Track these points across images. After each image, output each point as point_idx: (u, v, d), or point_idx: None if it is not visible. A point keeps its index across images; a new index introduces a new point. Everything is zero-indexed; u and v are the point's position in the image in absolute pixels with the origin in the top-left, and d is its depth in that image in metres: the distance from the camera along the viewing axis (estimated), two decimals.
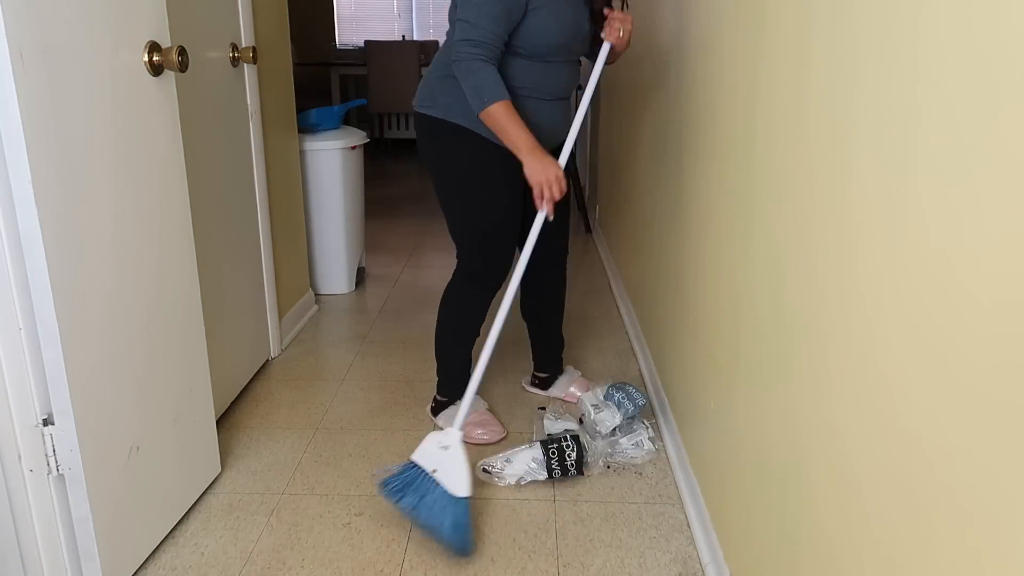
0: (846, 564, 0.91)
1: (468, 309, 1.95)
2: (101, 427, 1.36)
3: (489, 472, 1.80)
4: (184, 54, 1.48)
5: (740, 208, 1.36)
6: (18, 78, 1.13)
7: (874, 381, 0.84)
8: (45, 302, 1.23)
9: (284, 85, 2.58)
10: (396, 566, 1.53)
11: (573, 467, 1.77)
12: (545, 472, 1.77)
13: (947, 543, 0.70)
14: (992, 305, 0.63)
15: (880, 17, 0.83)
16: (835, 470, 0.94)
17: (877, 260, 0.83)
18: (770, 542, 1.19)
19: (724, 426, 1.46)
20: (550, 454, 1.77)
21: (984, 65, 0.65)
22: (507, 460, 1.80)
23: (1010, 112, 0.61)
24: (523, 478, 1.77)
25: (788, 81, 1.12)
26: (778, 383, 1.15)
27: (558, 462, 1.77)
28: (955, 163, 0.69)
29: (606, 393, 1.99)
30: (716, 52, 1.54)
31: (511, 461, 1.79)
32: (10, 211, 1.19)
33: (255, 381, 2.33)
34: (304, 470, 1.86)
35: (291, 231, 2.67)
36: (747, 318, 1.31)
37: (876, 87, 0.84)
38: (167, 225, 1.54)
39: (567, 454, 1.77)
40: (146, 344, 1.48)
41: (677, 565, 1.54)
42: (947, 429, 0.70)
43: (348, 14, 7.28)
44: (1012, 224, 0.61)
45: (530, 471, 1.77)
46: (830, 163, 0.96)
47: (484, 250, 1.88)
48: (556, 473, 1.77)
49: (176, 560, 1.54)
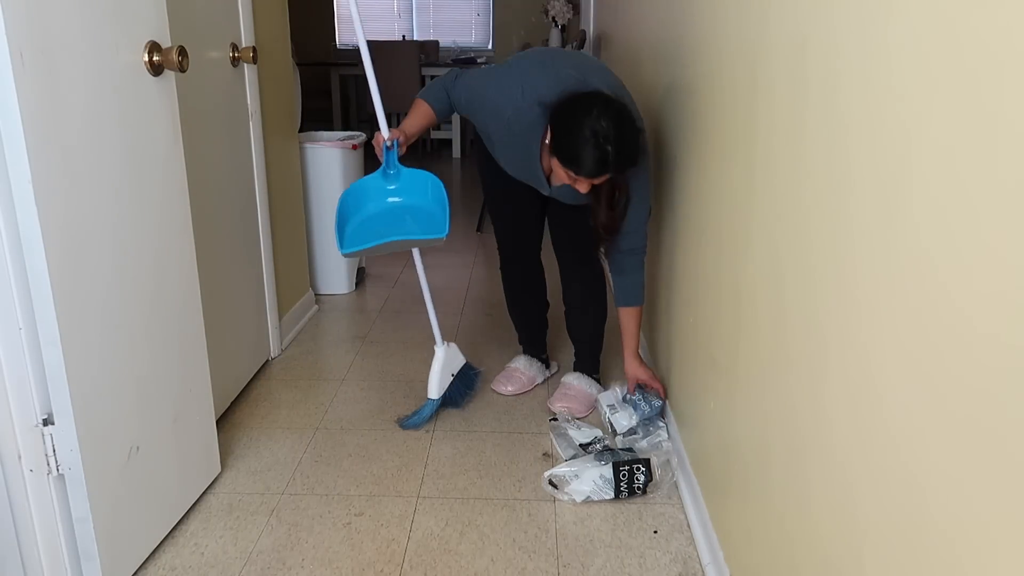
0: (846, 564, 0.91)
1: (507, 280, 2.28)
2: (101, 427, 1.36)
3: (556, 487, 1.75)
4: (184, 54, 1.48)
5: (740, 209, 1.36)
6: (18, 78, 1.13)
7: (870, 382, 0.84)
8: (45, 302, 1.23)
9: (284, 85, 2.58)
10: (396, 566, 1.53)
11: (640, 489, 1.74)
12: (612, 492, 1.73)
13: (946, 543, 0.70)
14: (985, 310, 0.63)
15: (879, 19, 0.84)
16: (832, 470, 0.95)
17: (874, 263, 0.83)
18: (770, 542, 1.19)
19: (724, 426, 1.46)
20: (620, 476, 1.73)
21: (983, 66, 0.65)
22: (575, 475, 1.75)
23: (1005, 116, 0.61)
24: (590, 496, 1.73)
25: (787, 82, 1.12)
26: (777, 383, 1.15)
27: (627, 484, 1.73)
28: (951, 167, 0.69)
29: (624, 395, 2.00)
30: (716, 52, 1.54)
31: (579, 476, 1.74)
32: (10, 211, 1.19)
33: (255, 381, 2.33)
34: (304, 470, 1.86)
35: (291, 231, 2.67)
36: (747, 318, 1.31)
37: (875, 89, 0.84)
38: (167, 225, 1.54)
39: (635, 476, 1.74)
40: (146, 344, 1.48)
41: (677, 565, 1.54)
42: (944, 429, 0.70)
43: (348, 14, 7.27)
44: (1006, 229, 0.61)
45: (596, 489, 1.73)
46: (828, 165, 0.96)
47: (499, 238, 2.22)
48: (624, 494, 1.73)
49: (176, 560, 1.55)
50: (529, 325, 2.33)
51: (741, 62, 1.36)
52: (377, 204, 1.90)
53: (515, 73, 1.81)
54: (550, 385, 2.29)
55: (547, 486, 1.76)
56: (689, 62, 1.78)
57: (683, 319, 1.83)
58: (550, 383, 2.30)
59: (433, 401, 2.07)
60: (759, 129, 1.25)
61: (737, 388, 1.38)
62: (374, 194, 1.90)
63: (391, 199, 1.90)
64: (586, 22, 4.56)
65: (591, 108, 1.63)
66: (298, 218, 2.75)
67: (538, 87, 1.74)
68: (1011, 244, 0.61)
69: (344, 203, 1.86)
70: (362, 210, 1.89)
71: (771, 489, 1.19)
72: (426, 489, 1.79)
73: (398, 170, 1.88)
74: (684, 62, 1.84)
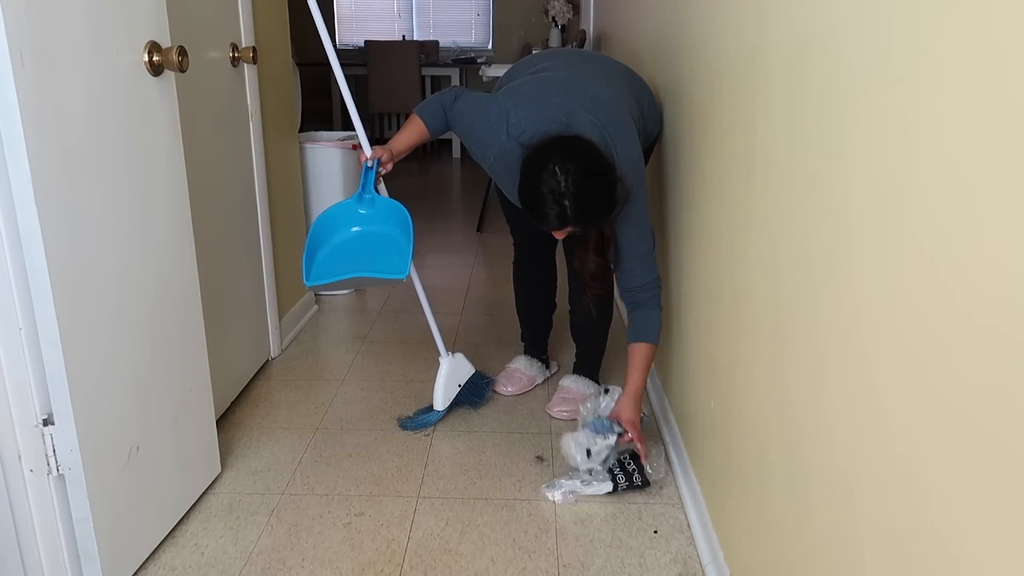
0: (846, 564, 0.91)
1: (518, 277, 2.29)
2: (101, 427, 1.36)
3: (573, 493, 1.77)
4: (184, 54, 1.48)
5: (739, 209, 1.36)
6: (18, 78, 1.13)
7: (869, 381, 0.84)
8: (45, 302, 1.23)
9: (284, 85, 2.58)
10: (396, 566, 1.53)
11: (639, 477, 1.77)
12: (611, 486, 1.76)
13: (945, 542, 0.70)
14: (984, 307, 0.63)
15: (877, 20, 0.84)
16: (832, 470, 0.95)
17: (873, 262, 0.83)
18: (770, 542, 1.19)
19: (724, 426, 1.46)
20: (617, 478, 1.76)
21: (981, 68, 0.65)
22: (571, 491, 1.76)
23: (1005, 115, 0.61)
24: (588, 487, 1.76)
25: (787, 83, 1.12)
26: (777, 383, 1.15)
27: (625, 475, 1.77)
28: (949, 166, 0.69)
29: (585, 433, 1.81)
30: (716, 53, 1.54)
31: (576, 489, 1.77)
32: (10, 211, 1.19)
33: (255, 381, 2.33)
34: (304, 470, 1.86)
35: (291, 231, 2.67)
36: (746, 318, 1.31)
37: (873, 91, 0.84)
38: (167, 225, 1.54)
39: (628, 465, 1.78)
40: (146, 344, 1.48)
41: (677, 565, 1.54)
42: (943, 428, 0.70)
43: (348, 14, 7.28)
44: (1005, 228, 0.61)
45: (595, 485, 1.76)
46: (827, 166, 0.96)
47: (514, 235, 2.25)
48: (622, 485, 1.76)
49: (176, 560, 1.55)
50: (534, 324, 2.33)
51: (741, 62, 1.36)
52: (346, 232, 1.89)
53: (504, 108, 1.74)
54: (550, 385, 2.29)
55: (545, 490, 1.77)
56: (689, 62, 1.78)
57: (683, 319, 1.83)
58: (550, 383, 2.31)
59: (438, 412, 2.09)
60: (758, 129, 1.25)
61: (737, 388, 1.38)
62: (344, 221, 1.89)
63: (359, 228, 1.90)
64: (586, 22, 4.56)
65: (551, 161, 1.57)
66: (298, 218, 2.75)
67: (521, 127, 1.69)
68: (1009, 240, 0.61)
69: (315, 232, 1.86)
70: (332, 238, 1.87)
71: (771, 489, 1.19)
72: (426, 489, 1.79)
73: (372, 196, 1.88)
74: (683, 62, 1.84)
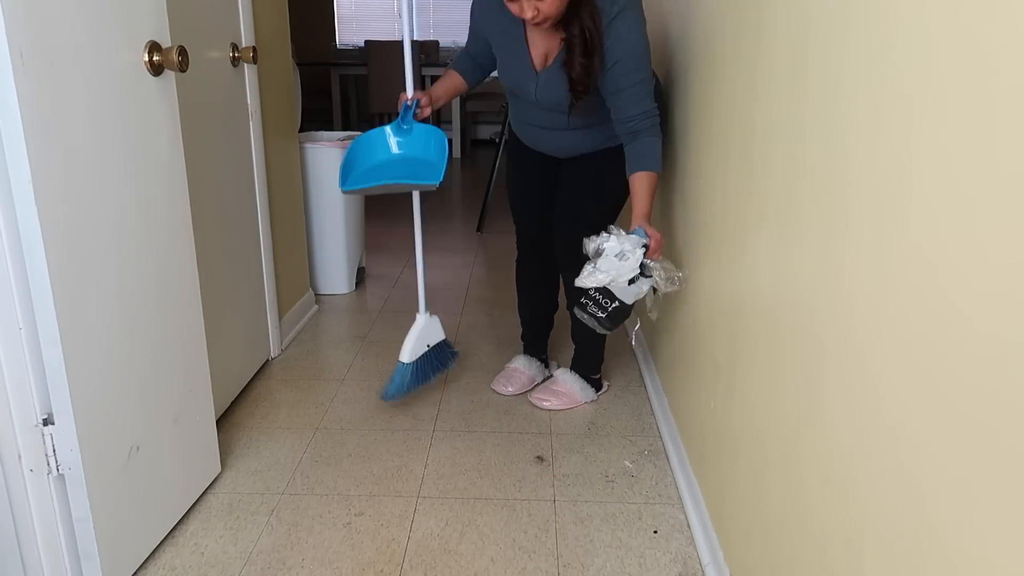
0: (845, 564, 0.91)
1: (521, 276, 2.30)
2: (101, 427, 1.36)
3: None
4: (184, 54, 1.48)
5: (739, 209, 1.36)
6: (18, 78, 1.13)
7: (868, 381, 0.84)
8: (45, 302, 1.23)
9: (284, 85, 2.58)
10: (396, 566, 1.53)
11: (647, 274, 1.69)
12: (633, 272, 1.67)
13: (943, 543, 0.70)
14: (983, 309, 0.63)
15: (875, 21, 0.84)
16: (832, 470, 0.95)
17: (871, 262, 0.83)
18: (770, 542, 1.19)
19: (724, 426, 1.46)
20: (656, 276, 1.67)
21: (980, 69, 0.65)
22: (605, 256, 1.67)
23: (1005, 116, 0.61)
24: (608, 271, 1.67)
25: (785, 84, 1.12)
26: (777, 383, 1.16)
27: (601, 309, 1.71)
28: (948, 166, 0.69)
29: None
30: (716, 54, 1.54)
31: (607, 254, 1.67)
32: (10, 211, 1.19)
33: (255, 381, 2.33)
34: (304, 470, 1.86)
35: (291, 231, 2.67)
36: (746, 319, 1.31)
37: (871, 91, 0.84)
38: (167, 225, 1.54)
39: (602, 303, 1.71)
40: (146, 344, 1.48)
41: (677, 565, 1.54)
42: (942, 428, 0.70)
43: (348, 14, 7.27)
44: (1005, 227, 0.61)
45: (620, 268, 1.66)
46: (826, 167, 0.96)
47: (518, 233, 2.23)
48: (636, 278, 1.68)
49: (176, 560, 1.55)
50: (535, 323, 2.33)
51: (740, 62, 1.36)
52: (384, 154, 1.99)
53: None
54: None
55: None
56: (688, 62, 1.78)
57: (683, 319, 1.83)
58: None
59: (404, 365, 2.09)
60: (757, 129, 1.25)
61: (737, 388, 1.38)
62: (383, 145, 2.00)
63: (398, 151, 2.00)
64: None
65: None
66: (298, 218, 2.75)
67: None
68: (1008, 241, 0.61)
69: (353, 150, 1.96)
70: (369, 159, 1.98)
71: (771, 489, 1.19)
72: (426, 489, 1.79)
73: (411, 126, 1.98)
74: (683, 61, 1.84)
